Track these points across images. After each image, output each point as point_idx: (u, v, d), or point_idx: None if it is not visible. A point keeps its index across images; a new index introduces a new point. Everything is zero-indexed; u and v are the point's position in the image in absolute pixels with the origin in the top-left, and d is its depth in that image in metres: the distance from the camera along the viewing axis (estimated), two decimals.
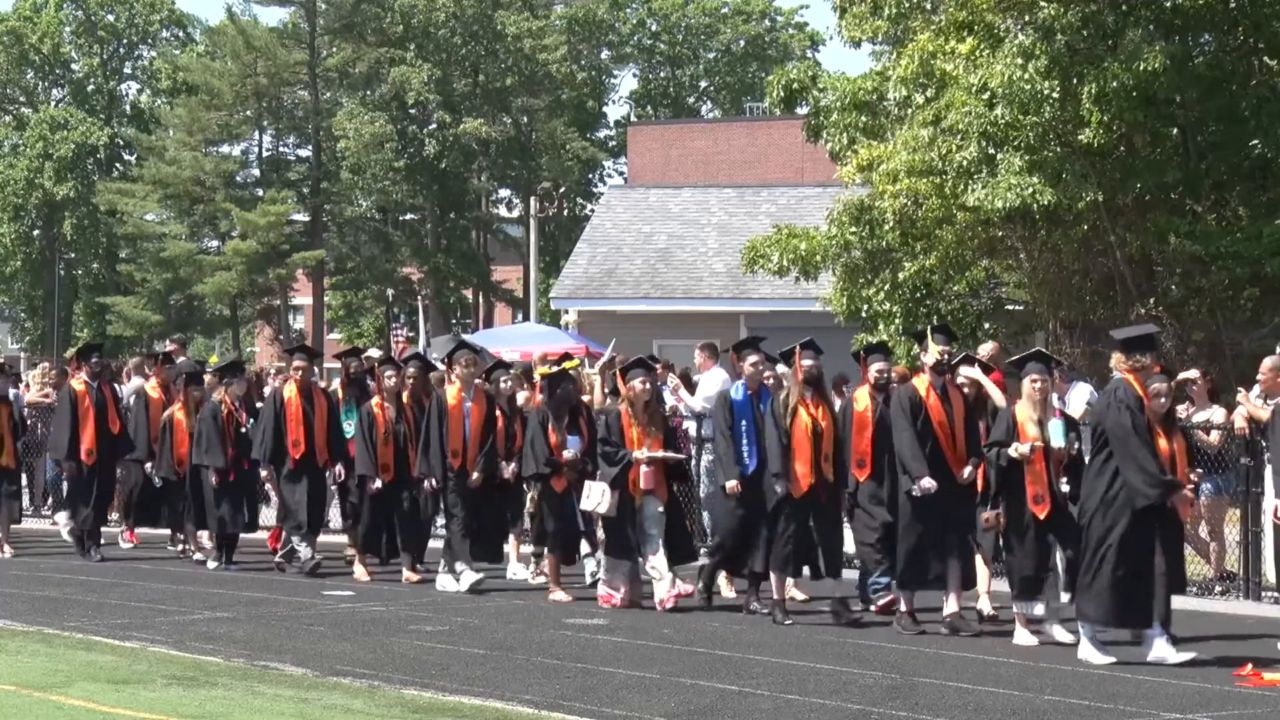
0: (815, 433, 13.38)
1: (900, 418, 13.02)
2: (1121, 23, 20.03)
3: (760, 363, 14.26)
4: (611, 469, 14.24)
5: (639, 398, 14.32)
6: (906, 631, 12.87)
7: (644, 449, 14.16)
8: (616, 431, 14.34)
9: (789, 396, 13.52)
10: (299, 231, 59.48)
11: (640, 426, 14.29)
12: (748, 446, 13.88)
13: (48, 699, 9.97)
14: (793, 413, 13.42)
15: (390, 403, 16.21)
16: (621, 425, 14.34)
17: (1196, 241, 20.10)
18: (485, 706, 9.91)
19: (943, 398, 13.08)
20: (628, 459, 14.15)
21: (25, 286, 69.60)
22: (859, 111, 21.72)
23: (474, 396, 15.40)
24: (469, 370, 15.52)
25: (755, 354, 14.29)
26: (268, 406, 16.82)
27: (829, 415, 13.54)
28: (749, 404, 14.01)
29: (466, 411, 15.30)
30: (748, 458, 13.87)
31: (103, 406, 17.88)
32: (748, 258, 22.85)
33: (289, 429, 16.52)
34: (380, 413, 16.18)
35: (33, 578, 16.21)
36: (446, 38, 59.85)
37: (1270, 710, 10.25)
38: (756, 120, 40.78)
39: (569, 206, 64.88)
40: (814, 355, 13.63)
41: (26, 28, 67.47)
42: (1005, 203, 19.35)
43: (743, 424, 13.93)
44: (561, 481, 14.80)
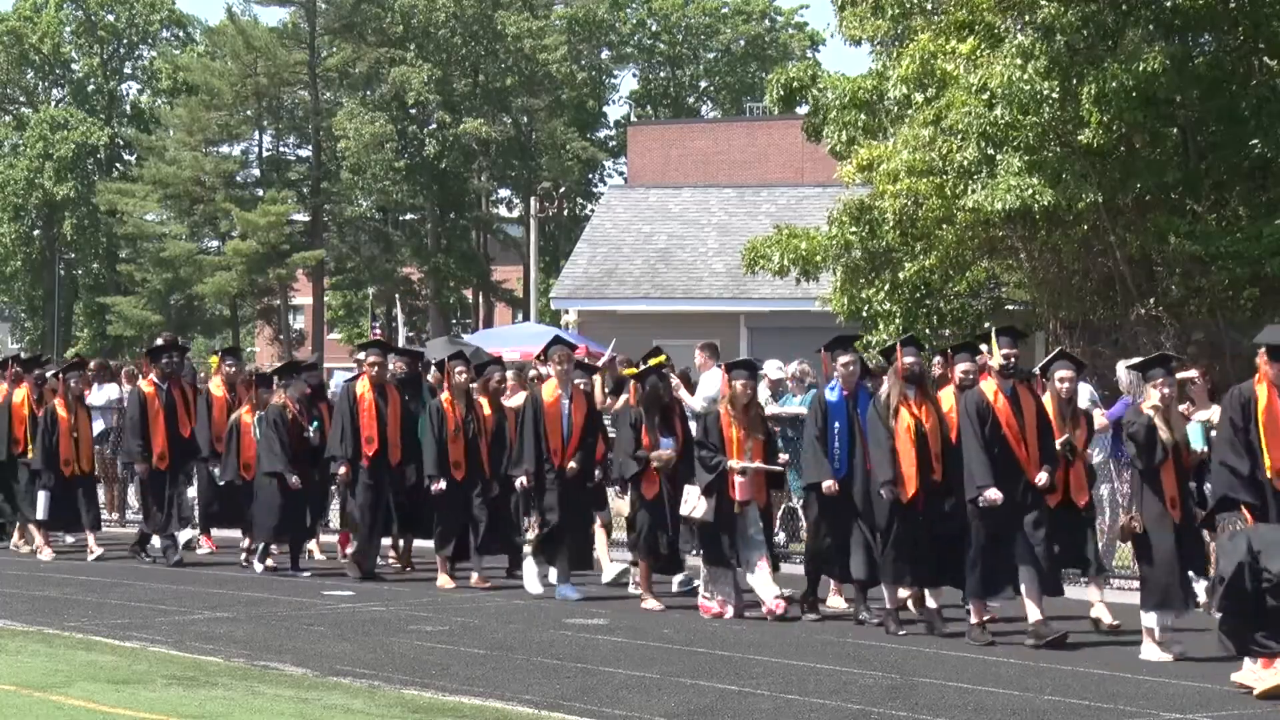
0: (919, 434, 12.85)
1: (968, 423, 12.58)
2: (1121, 23, 20.03)
3: (854, 362, 13.71)
4: (707, 475, 13.70)
5: (739, 398, 13.80)
6: (976, 643, 12.37)
7: (746, 454, 13.64)
8: (715, 434, 13.78)
9: (889, 397, 12.99)
10: (299, 231, 59.49)
11: (741, 429, 13.76)
12: (840, 449, 13.40)
13: (48, 699, 9.97)
14: (894, 413, 12.90)
15: (459, 399, 15.71)
16: (720, 427, 13.79)
17: (1196, 241, 20.10)
18: (485, 706, 9.91)
19: (1012, 401, 12.57)
20: (723, 466, 13.66)
21: (25, 286, 69.60)
22: (859, 111, 21.72)
23: (573, 394, 15.01)
24: (565, 367, 15.08)
25: (849, 353, 13.75)
26: (341, 404, 16.34)
27: (934, 415, 12.97)
28: (844, 405, 13.51)
29: (565, 409, 14.90)
30: (838, 462, 13.40)
31: (173, 408, 17.43)
32: (748, 258, 22.84)
33: (363, 426, 16.06)
34: (450, 409, 15.69)
35: (33, 578, 16.21)
36: (446, 38, 59.84)
37: (1270, 710, 10.25)
38: (756, 120, 40.77)
39: (569, 206, 64.88)
40: (915, 352, 13.11)
41: (26, 28, 67.47)
42: (1005, 204, 19.35)
43: (836, 426, 13.44)
44: (653, 486, 14.25)
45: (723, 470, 13.63)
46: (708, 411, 14.87)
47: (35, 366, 19.14)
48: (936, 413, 12.97)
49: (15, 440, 18.31)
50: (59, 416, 17.85)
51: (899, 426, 12.85)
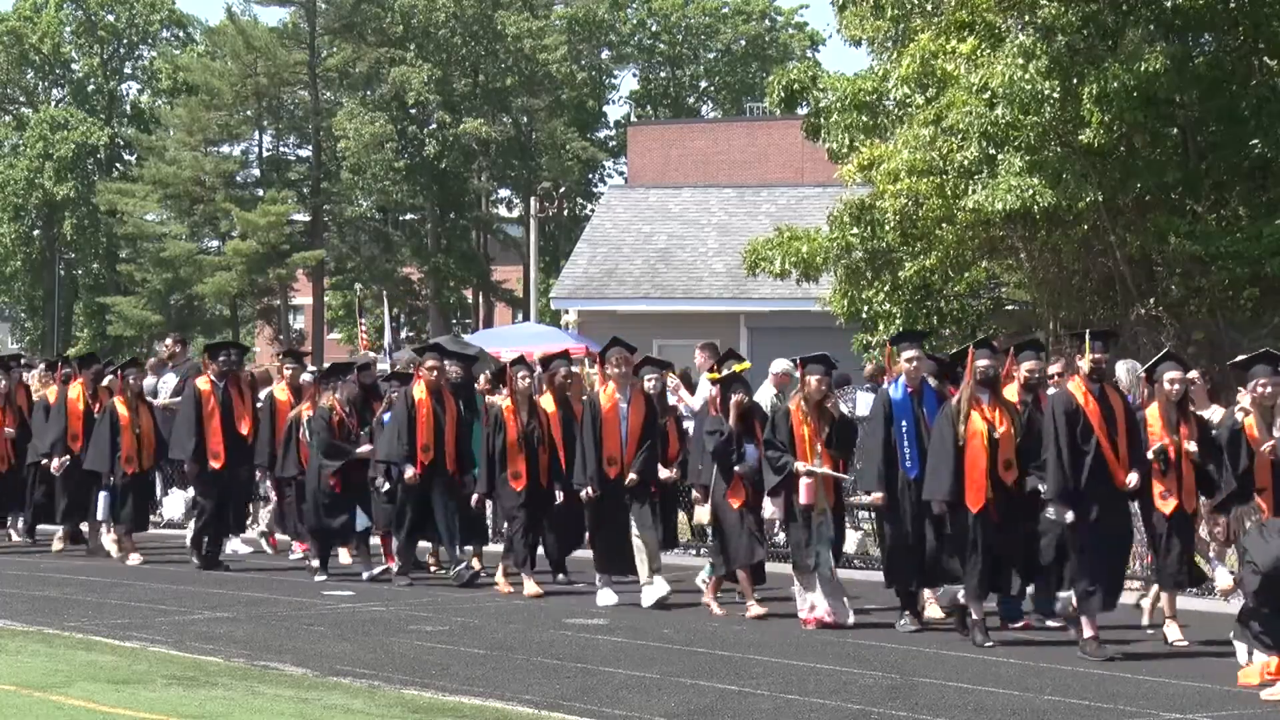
0: (992, 439, 12.35)
1: (1053, 426, 12.11)
2: (1121, 23, 20.02)
3: (920, 358, 13.20)
4: (774, 476, 13.24)
5: (812, 395, 13.31)
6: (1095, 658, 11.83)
7: (815, 455, 13.17)
8: (784, 432, 13.27)
9: (961, 401, 12.50)
10: (299, 231, 59.48)
11: (811, 427, 13.26)
12: (909, 449, 12.93)
13: (48, 699, 9.97)
14: (965, 418, 12.43)
15: (523, 405, 15.15)
16: (790, 425, 13.30)
17: (1196, 241, 20.09)
18: (485, 706, 9.91)
19: (1101, 402, 12.21)
20: (790, 467, 13.17)
21: (25, 286, 69.59)
22: (859, 111, 21.70)
23: (631, 398, 14.48)
24: (623, 370, 14.52)
25: (914, 348, 13.27)
26: (398, 407, 15.80)
27: (1008, 419, 12.49)
28: (909, 403, 13.05)
29: (623, 414, 14.41)
30: (909, 461, 12.93)
31: (229, 407, 17.03)
32: (749, 260, 22.82)
33: (419, 432, 15.58)
34: (511, 417, 15.11)
35: (33, 578, 16.21)
36: (446, 38, 59.84)
37: (1270, 710, 10.25)
38: (756, 120, 40.77)
39: (569, 206, 64.88)
40: (990, 355, 12.62)
41: (26, 28, 67.46)
42: (1005, 204, 19.34)
43: (903, 425, 12.97)
44: (738, 495, 13.73)
45: (789, 472, 13.17)
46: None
47: (92, 364, 18.76)
48: (1011, 418, 12.54)
49: (74, 436, 17.96)
50: (119, 414, 17.48)
51: (970, 432, 12.38)
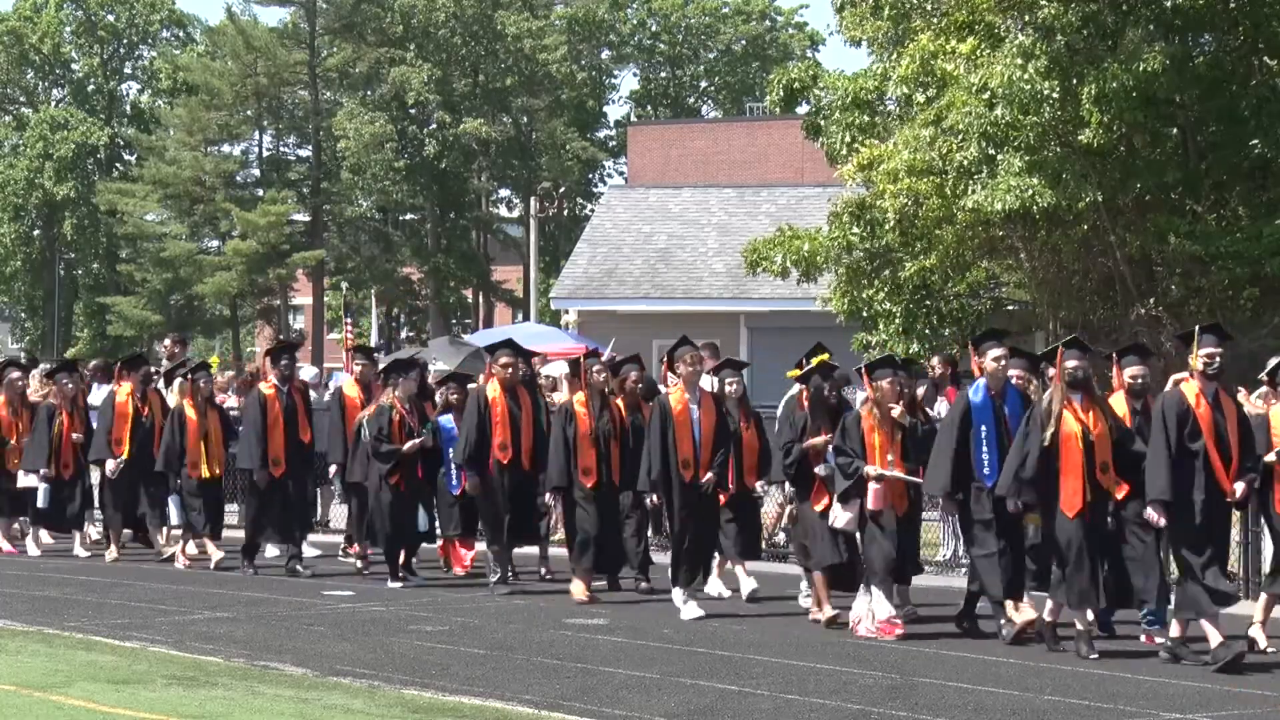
0: (1087, 441, 11.79)
1: (1160, 427, 11.65)
2: (1121, 23, 20.03)
3: (1004, 358, 12.62)
4: (844, 482, 12.74)
5: (886, 398, 12.80)
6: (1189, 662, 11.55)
7: (887, 460, 12.65)
8: (855, 438, 12.74)
9: (1050, 403, 11.91)
10: (299, 231, 59.49)
11: (884, 433, 12.75)
12: (989, 455, 12.35)
13: (48, 699, 9.97)
14: (1056, 421, 11.85)
15: (595, 400, 14.74)
16: (861, 430, 12.76)
17: (1196, 241, 20.10)
18: (485, 706, 9.91)
19: (1214, 405, 11.71)
20: (859, 472, 12.65)
21: (25, 286, 69.61)
22: (859, 111, 21.71)
23: (701, 400, 13.92)
24: (695, 369, 14.00)
25: (998, 348, 12.66)
26: (471, 406, 15.32)
27: (1103, 421, 11.88)
28: (990, 407, 12.48)
29: (695, 417, 13.81)
30: (987, 468, 12.36)
31: (292, 412, 16.59)
32: (749, 259, 22.83)
33: (494, 432, 15.10)
34: (584, 411, 14.69)
35: (33, 578, 16.20)
36: (446, 38, 59.85)
37: (1270, 710, 10.26)
38: (756, 120, 40.77)
39: (569, 206, 64.89)
40: (1079, 354, 11.97)
41: (26, 28, 67.48)
42: (1005, 204, 19.35)
43: (983, 430, 12.41)
44: (821, 497, 13.21)
45: (860, 477, 12.65)
46: None
47: (139, 365, 18.34)
48: (1106, 419, 11.95)
49: (118, 441, 17.64)
50: (187, 419, 17.04)
51: (1063, 435, 11.81)
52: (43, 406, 18.40)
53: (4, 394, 18.76)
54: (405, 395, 15.80)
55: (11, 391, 18.76)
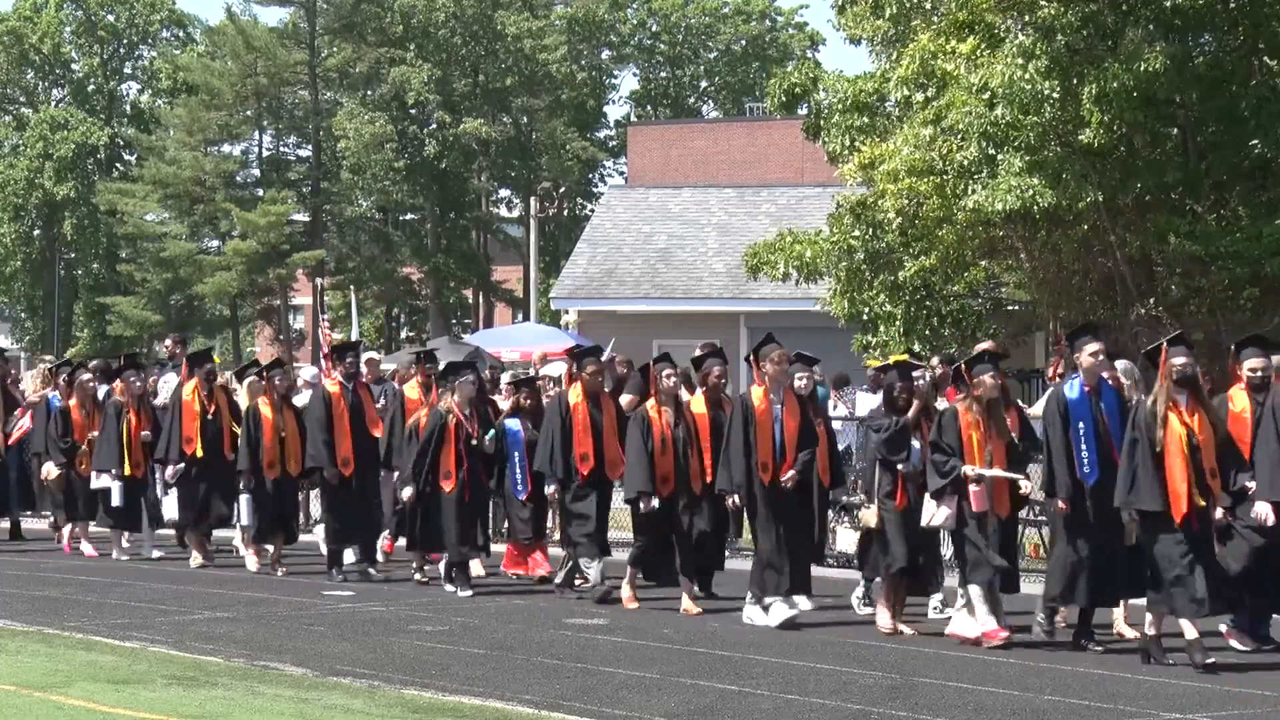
0: (1192, 445, 11.40)
1: (1272, 423, 11.42)
2: (1121, 23, 20.03)
3: (1101, 353, 12.19)
4: (940, 481, 12.31)
5: (985, 394, 12.33)
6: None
7: (986, 459, 12.24)
8: (952, 434, 12.32)
9: (1157, 403, 11.52)
10: (299, 231, 59.46)
11: (982, 431, 12.29)
12: (1087, 454, 11.98)
13: (48, 699, 9.97)
14: (1163, 421, 11.44)
15: (668, 405, 14.19)
16: (958, 427, 12.33)
17: (1196, 241, 20.09)
18: (485, 706, 9.91)
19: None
20: (957, 471, 12.21)
21: (25, 286, 69.55)
22: (859, 112, 21.71)
23: (785, 400, 13.41)
24: (781, 367, 13.46)
25: (1095, 342, 12.24)
26: (551, 413, 14.98)
27: (1208, 423, 11.50)
28: (1087, 403, 12.11)
29: (777, 416, 13.30)
30: (1087, 467, 11.98)
31: (359, 410, 16.32)
32: (750, 264, 22.81)
33: (576, 440, 14.73)
34: (658, 417, 14.11)
35: (33, 578, 16.20)
36: (446, 38, 59.82)
37: (1270, 710, 10.26)
38: (756, 120, 40.80)
39: (569, 206, 64.88)
40: (1186, 352, 11.63)
41: (26, 28, 67.43)
42: (1005, 204, 19.34)
43: (1080, 427, 12.02)
44: (901, 497, 12.92)
45: (957, 476, 12.21)
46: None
47: (204, 362, 17.92)
48: (1213, 420, 11.57)
49: (187, 439, 17.28)
50: (263, 418, 16.67)
51: (1169, 437, 11.42)
52: (110, 405, 18.01)
53: (76, 396, 18.51)
54: (464, 399, 15.19)
55: (83, 393, 18.48)
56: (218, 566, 17.17)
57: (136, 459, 17.77)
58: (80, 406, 18.47)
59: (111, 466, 17.69)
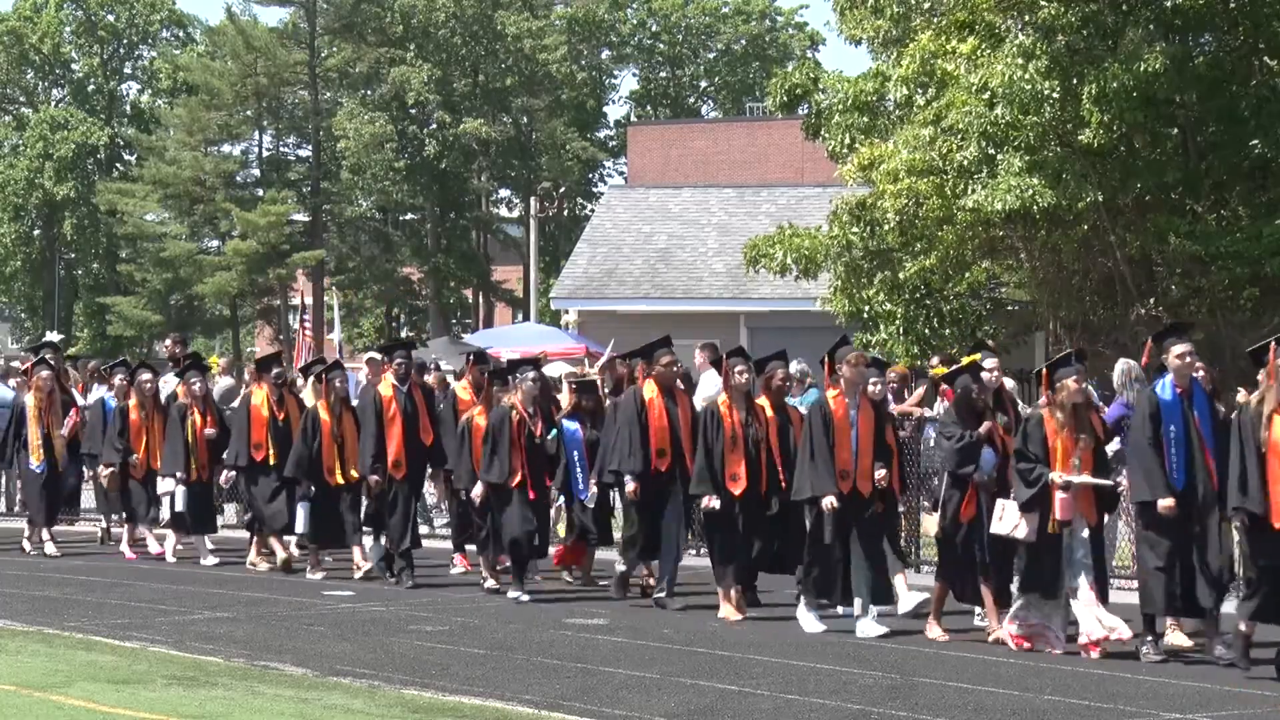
0: None
1: None
2: (1121, 23, 20.04)
3: (1191, 353, 11.86)
4: (1026, 490, 11.88)
5: (1069, 399, 11.94)
6: None
7: (1073, 466, 11.86)
8: (1037, 441, 11.91)
9: (1263, 403, 11.20)
10: (299, 231, 59.46)
11: (1068, 437, 11.91)
12: (1176, 457, 11.64)
13: (48, 699, 9.97)
14: (1267, 422, 11.14)
15: (738, 403, 13.74)
16: (1044, 434, 11.94)
17: (1196, 241, 20.10)
18: (485, 706, 9.91)
19: None
20: (1044, 479, 11.84)
21: (25, 286, 69.58)
22: (859, 112, 21.71)
23: (860, 405, 12.99)
24: (859, 370, 13.04)
25: (1182, 343, 11.89)
26: (625, 409, 14.40)
27: None
28: (1179, 405, 11.76)
29: (854, 422, 12.90)
30: (1175, 471, 11.63)
31: (412, 413, 15.86)
32: (749, 256, 22.84)
33: (651, 436, 14.23)
34: (728, 414, 13.69)
35: (33, 578, 16.20)
36: (446, 38, 59.82)
37: (1270, 710, 10.26)
38: (756, 120, 40.81)
39: (569, 206, 64.88)
40: None
41: (26, 28, 67.45)
42: (1005, 204, 19.35)
43: (1171, 430, 11.66)
44: (970, 506, 12.44)
45: (1044, 484, 11.83)
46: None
47: (272, 366, 17.62)
48: None
49: (256, 445, 16.83)
50: (321, 421, 16.27)
51: (1271, 442, 11.09)
52: (175, 407, 17.60)
53: (135, 396, 18.12)
54: (527, 397, 14.75)
55: (141, 394, 18.10)
56: (218, 567, 17.15)
57: (201, 461, 17.37)
58: (139, 408, 18.03)
59: (175, 470, 17.31)
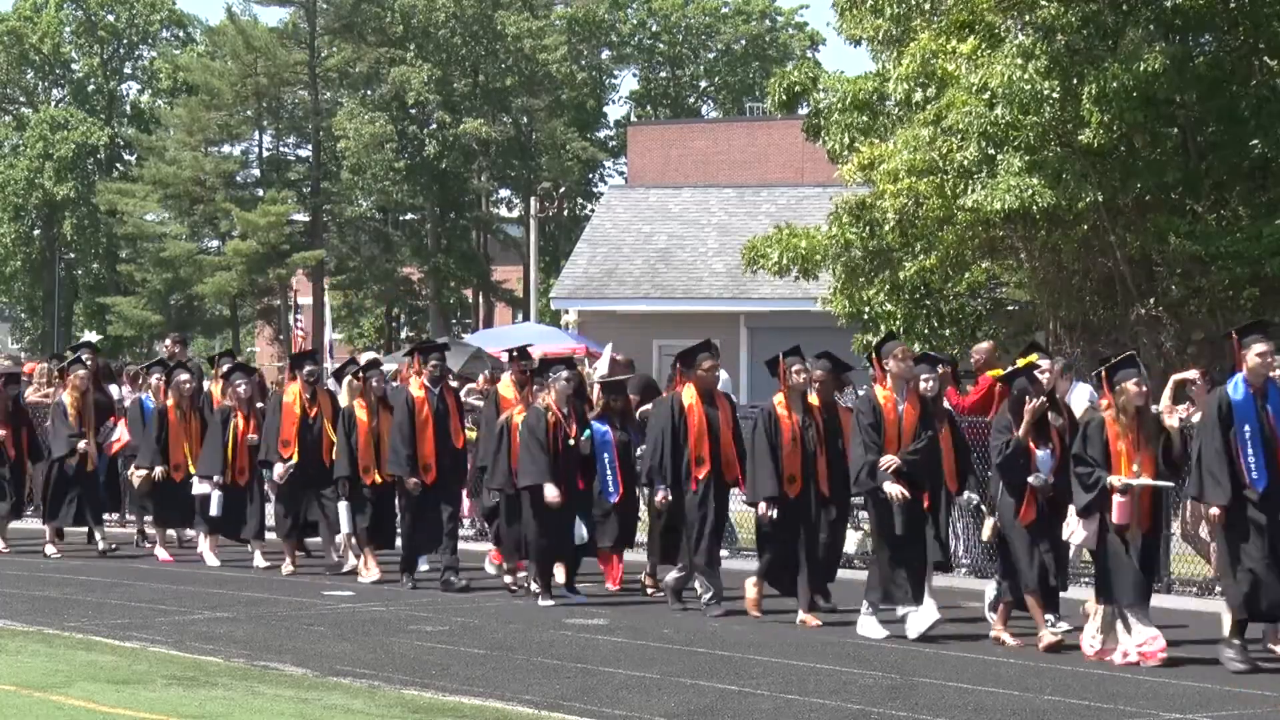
0: None
1: None
2: (1121, 23, 20.04)
3: (1271, 352, 11.55)
4: (1084, 494, 11.59)
5: (1130, 402, 11.65)
6: None
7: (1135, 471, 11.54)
8: (1097, 445, 11.61)
9: None
10: (299, 231, 59.46)
11: (1129, 440, 11.60)
12: (1254, 458, 11.31)
13: (48, 699, 9.97)
14: None
15: (796, 402, 13.39)
16: (1105, 438, 11.62)
17: (1196, 241, 20.10)
18: (485, 706, 9.91)
19: None
20: (1102, 483, 11.53)
21: (25, 286, 69.56)
22: (859, 112, 21.71)
23: (907, 398, 12.69)
24: (905, 365, 12.76)
25: (1263, 342, 11.55)
26: (663, 413, 14.15)
27: None
28: (1252, 404, 11.44)
29: (900, 418, 12.63)
30: (1254, 472, 11.32)
31: (444, 416, 15.48)
32: (748, 257, 22.84)
33: (691, 443, 13.90)
34: (786, 415, 13.37)
35: (33, 578, 16.20)
36: (446, 38, 59.82)
37: (1270, 710, 10.26)
38: (756, 120, 40.82)
39: (569, 206, 64.87)
40: None
41: (26, 28, 67.44)
42: (1004, 204, 19.35)
43: (1245, 430, 11.35)
44: (1030, 510, 12.09)
45: (1102, 488, 11.54)
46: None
47: (307, 362, 17.25)
48: None
49: (284, 443, 16.49)
50: (358, 420, 16.00)
51: None
52: (218, 410, 17.29)
53: (173, 397, 17.74)
54: (561, 397, 14.37)
55: (179, 394, 17.76)
56: (219, 567, 17.14)
57: (241, 466, 17.01)
58: (177, 409, 17.70)
59: (213, 473, 16.99)
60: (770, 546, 13.49)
